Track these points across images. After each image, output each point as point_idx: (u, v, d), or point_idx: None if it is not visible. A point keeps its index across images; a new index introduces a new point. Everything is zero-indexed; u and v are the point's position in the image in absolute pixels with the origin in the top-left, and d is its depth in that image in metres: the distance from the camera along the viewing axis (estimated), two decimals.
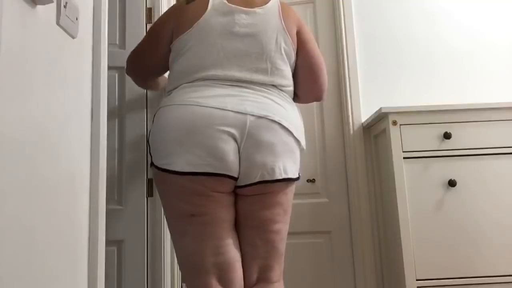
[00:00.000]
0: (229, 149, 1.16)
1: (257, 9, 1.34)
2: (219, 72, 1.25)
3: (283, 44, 1.33)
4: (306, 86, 1.41)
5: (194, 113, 1.17)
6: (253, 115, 1.18)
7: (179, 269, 1.31)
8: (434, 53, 2.48)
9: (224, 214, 1.22)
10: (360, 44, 2.49)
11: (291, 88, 1.36)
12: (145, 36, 1.53)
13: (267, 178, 1.20)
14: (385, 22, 2.52)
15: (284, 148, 1.21)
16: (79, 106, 1.03)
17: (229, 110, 1.17)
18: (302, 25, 1.41)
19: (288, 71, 1.35)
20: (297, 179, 1.28)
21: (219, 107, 1.17)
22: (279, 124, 1.21)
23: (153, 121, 1.29)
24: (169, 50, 1.37)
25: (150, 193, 1.80)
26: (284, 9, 1.38)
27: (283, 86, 1.32)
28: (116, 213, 1.75)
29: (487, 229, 1.86)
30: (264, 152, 1.18)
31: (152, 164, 1.24)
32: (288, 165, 1.23)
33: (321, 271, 2.32)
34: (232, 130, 1.16)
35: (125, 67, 1.55)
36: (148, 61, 1.46)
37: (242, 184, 1.21)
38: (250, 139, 1.17)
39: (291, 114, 1.27)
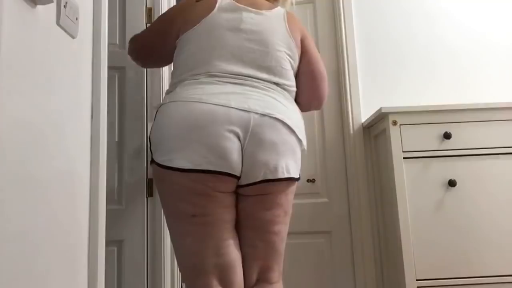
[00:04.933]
0: (232, 147, 1.14)
1: (264, 11, 1.37)
2: (223, 66, 1.25)
3: (287, 47, 1.34)
4: (307, 92, 1.41)
5: (197, 110, 1.16)
6: (256, 113, 1.17)
7: (179, 269, 1.30)
8: (434, 53, 2.48)
9: (226, 214, 1.21)
10: (360, 44, 2.49)
11: (294, 89, 1.36)
12: (151, 27, 1.55)
13: (270, 177, 1.19)
14: (385, 22, 2.52)
15: (286, 147, 1.20)
16: (79, 106, 1.03)
17: (232, 108, 1.16)
18: (306, 34, 1.43)
19: (291, 73, 1.35)
20: (298, 179, 1.28)
21: (223, 104, 1.16)
22: (282, 122, 1.20)
23: (154, 118, 1.28)
24: (175, 46, 1.38)
25: (150, 193, 1.80)
26: (290, 17, 1.41)
27: (286, 86, 1.31)
28: (116, 213, 1.75)
29: (487, 229, 1.86)
30: (267, 151, 1.17)
31: (152, 161, 1.23)
32: (291, 164, 1.22)
33: (321, 271, 2.32)
34: (236, 128, 1.15)
35: (128, 48, 1.59)
36: (155, 54, 1.51)
37: (244, 183, 1.20)
38: (253, 137, 1.16)
39: (293, 113, 1.27)
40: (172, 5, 2.07)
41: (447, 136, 1.92)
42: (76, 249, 0.99)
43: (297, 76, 1.39)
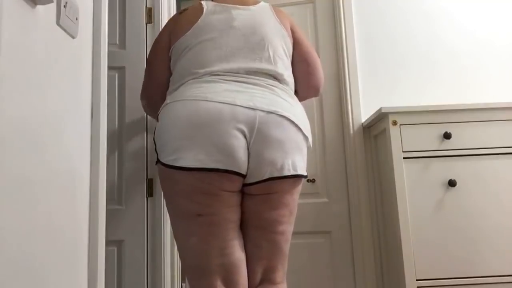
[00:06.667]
0: (239, 145, 1.14)
1: (251, 7, 1.40)
2: (224, 65, 1.26)
3: (281, 37, 1.37)
4: (304, 80, 1.43)
5: (203, 109, 1.15)
6: (262, 111, 1.17)
7: (182, 268, 1.30)
8: (434, 53, 2.48)
9: (231, 214, 1.20)
10: (360, 44, 2.49)
11: (292, 80, 1.37)
12: (148, 62, 1.51)
13: (276, 174, 1.18)
14: (385, 22, 2.52)
15: (293, 145, 1.20)
16: (79, 106, 1.03)
17: (238, 105, 1.16)
18: (294, 24, 1.47)
19: (288, 63, 1.37)
20: (305, 176, 1.28)
21: (228, 102, 1.16)
22: (288, 119, 1.20)
23: (157, 118, 1.28)
24: (169, 58, 1.38)
25: (150, 193, 1.80)
26: (276, 9, 1.45)
27: (286, 76, 1.32)
28: (116, 213, 1.75)
29: (487, 229, 1.86)
30: (274, 149, 1.17)
31: (158, 161, 1.23)
32: (297, 161, 1.22)
33: (321, 271, 2.32)
34: (242, 126, 1.15)
35: (141, 99, 1.53)
36: (154, 74, 1.44)
37: (250, 181, 1.19)
38: (259, 135, 1.16)
39: (297, 110, 1.27)
40: (171, 5, 2.08)
41: (447, 136, 1.92)
42: (76, 249, 0.99)
43: (292, 65, 1.41)
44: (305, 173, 1.27)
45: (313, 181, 2.39)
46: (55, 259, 0.89)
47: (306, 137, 1.26)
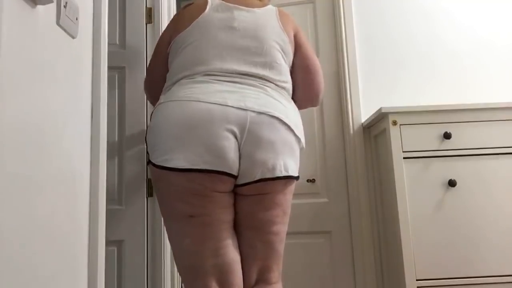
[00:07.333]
0: (229, 146, 1.14)
1: (255, 9, 1.38)
2: (218, 65, 1.25)
3: (281, 42, 1.35)
4: (303, 86, 1.41)
5: (195, 109, 1.16)
6: (253, 111, 1.17)
7: (177, 270, 1.30)
8: (434, 53, 2.48)
9: (224, 215, 1.20)
10: (360, 44, 2.49)
11: (290, 85, 1.35)
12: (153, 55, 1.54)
13: (268, 175, 1.18)
14: (385, 22, 2.52)
15: (284, 146, 1.20)
16: (79, 106, 1.04)
17: (229, 106, 1.16)
18: (298, 30, 1.44)
19: (286, 69, 1.35)
20: (297, 178, 1.28)
21: (220, 103, 1.16)
22: (280, 120, 1.19)
23: (150, 118, 1.28)
24: (168, 54, 1.39)
25: (150, 193, 1.81)
26: (282, 13, 1.43)
27: (281, 82, 1.31)
28: (116, 213, 1.75)
29: (487, 229, 1.86)
30: (265, 149, 1.17)
31: (149, 162, 1.22)
32: (289, 162, 1.22)
33: (321, 271, 2.32)
34: (233, 127, 1.15)
35: (144, 90, 1.57)
36: (155, 70, 1.46)
37: (242, 182, 1.19)
38: (250, 136, 1.16)
39: (292, 112, 1.26)
40: (171, 5, 2.08)
41: (447, 136, 1.92)
42: (76, 249, 0.99)
43: (292, 71, 1.39)
44: (296, 174, 1.26)
45: (313, 181, 2.39)
46: (55, 259, 0.89)
47: (298, 138, 1.25)
